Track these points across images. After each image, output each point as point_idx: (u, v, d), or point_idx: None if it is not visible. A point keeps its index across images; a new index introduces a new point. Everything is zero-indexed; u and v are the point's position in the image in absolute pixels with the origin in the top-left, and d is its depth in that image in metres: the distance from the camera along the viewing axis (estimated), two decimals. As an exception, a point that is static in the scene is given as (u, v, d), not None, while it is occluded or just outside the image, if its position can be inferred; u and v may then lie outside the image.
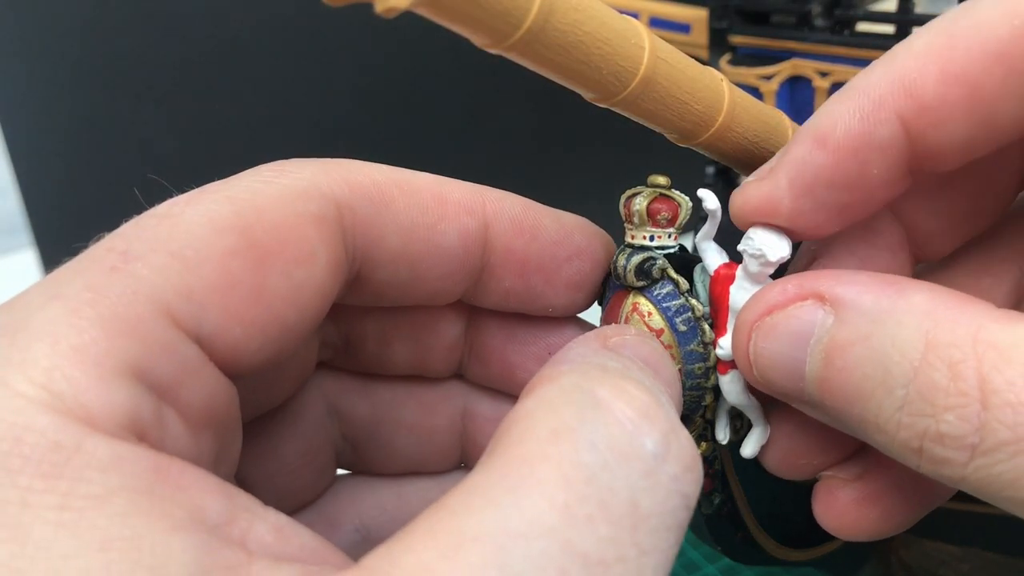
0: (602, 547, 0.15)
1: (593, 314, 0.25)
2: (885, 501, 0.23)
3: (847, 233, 0.23)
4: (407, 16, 0.16)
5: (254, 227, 0.18)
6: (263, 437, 0.24)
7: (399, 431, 0.25)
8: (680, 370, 0.22)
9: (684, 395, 0.22)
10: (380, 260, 0.21)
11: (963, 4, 0.19)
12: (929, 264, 0.25)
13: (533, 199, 0.23)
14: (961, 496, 0.21)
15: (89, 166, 0.55)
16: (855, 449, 0.23)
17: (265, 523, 0.16)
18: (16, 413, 0.14)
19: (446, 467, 0.26)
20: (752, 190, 0.21)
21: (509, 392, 0.26)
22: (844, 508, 0.23)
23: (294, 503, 0.25)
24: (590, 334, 0.21)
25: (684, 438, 0.17)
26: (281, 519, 0.16)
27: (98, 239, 0.18)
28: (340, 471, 0.26)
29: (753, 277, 0.22)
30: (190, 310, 0.17)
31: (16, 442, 0.14)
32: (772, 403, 0.23)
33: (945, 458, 0.18)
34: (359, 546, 0.25)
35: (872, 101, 0.20)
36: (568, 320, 0.25)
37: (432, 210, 0.21)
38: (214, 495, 0.15)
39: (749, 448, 0.24)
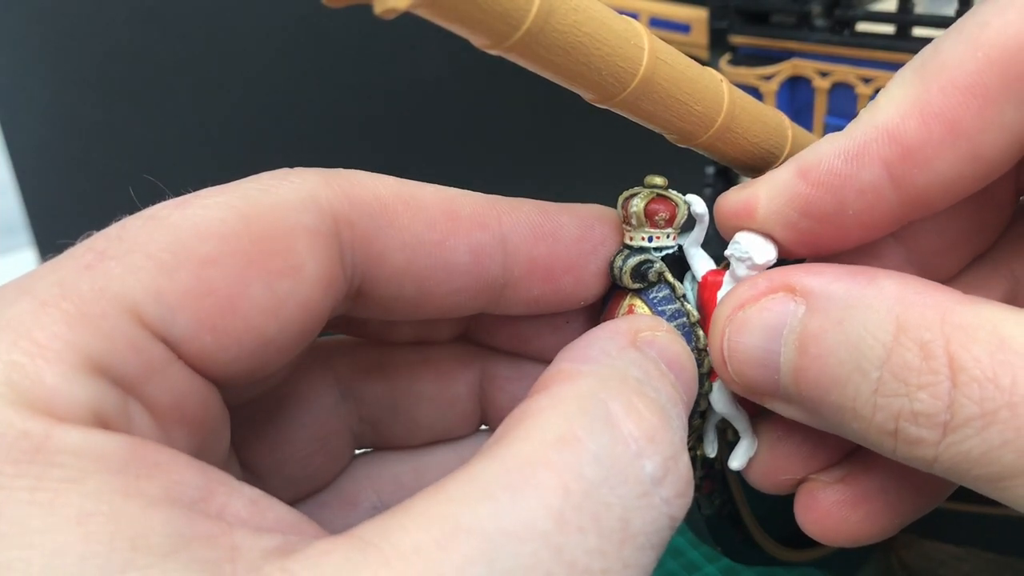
0: (590, 558, 0.15)
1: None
2: (866, 505, 0.23)
3: (846, 257, 0.23)
4: (406, 17, 0.16)
5: (240, 235, 0.18)
6: (273, 426, 0.24)
7: (419, 404, 0.25)
8: None
9: None
10: (382, 277, 0.21)
11: (928, 45, 0.20)
12: None
13: (532, 199, 0.23)
14: (961, 496, 0.21)
15: (89, 166, 0.55)
16: (836, 460, 0.23)
17: (241, 497, 0.16)
18: None
19: (467, 431, 0.26)
20: (732, 193, 0.22)
21: (519, 354, 0.25)
22: (825, 512, 0.23)
23: (308, 488, 0.25)
24: (621, 325, 0.21)
25: (683, 465, 0.18)
26: (255, 492, 0.17)
27: (86, 237, 0.18)
28: (358, 451, 0.26)
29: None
30: (158, 312, 0.17)
31: None
32: (755, 417, 0.23)
33: (919, 437, 0.18)
34: None
35: (856, 145, 0.20)
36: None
37: (440, 226, 0.21)
38: (189, 471, 0.16)
39: (737, 461, 0.24)
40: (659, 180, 0.23)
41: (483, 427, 0.27)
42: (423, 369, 0.25)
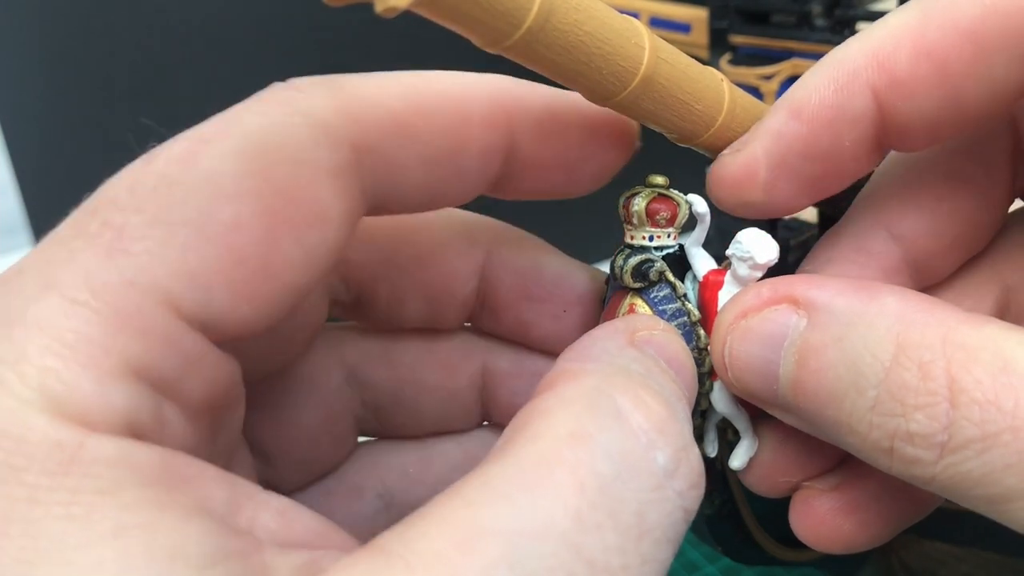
0: (609, 554, 0.15)
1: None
2: (861, 513, 0.23)
3: (842, 256, 0.23)
4: (407, 16, 0.16)
5: (262, 191, 0.17)
6: (281, 407, 0.24)
7: (422, 393, 0.25)
8: None
9: None
10: (399, 193, 0.20)
11: None
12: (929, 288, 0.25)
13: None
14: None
15: (89, 166, 0.55)
16: (834, 465, 0.23)
17: (268, 509, 0.16)
18: (13, 414, 0.14)
19: (468, 425, 0.26)
20: (728, 162, 0.22)
21: (521, 343, 0.25)
22: (820, 519, 0.23)
23: (313, 472, 0.25)
24: (619, 325, 0.21)
25: (694, 456, 0.18)
26: (283, 503, 0.16)
27: (86, 198, 0.17)
28: (362, 438, 0.26)
29: (741, 281, 0.22)
30: (194, 296, 0.16)
31: (19, 441, 0.14)
32: (756, 419, 0.24)
33: (915, 457, 0.18)
34: (381, 513, 0.25)
35: (847, 73, 0.20)
36: (583, 275, 0.25)
37: (454, 132, 0.20)
38: (218, 484, 0.15)
39: (738, 460, 0.24)
40: (661, 180, 0.23)
41: (485, 423, 0.27)
42: (427, 359, 0.25)
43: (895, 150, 0.21)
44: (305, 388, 0.24)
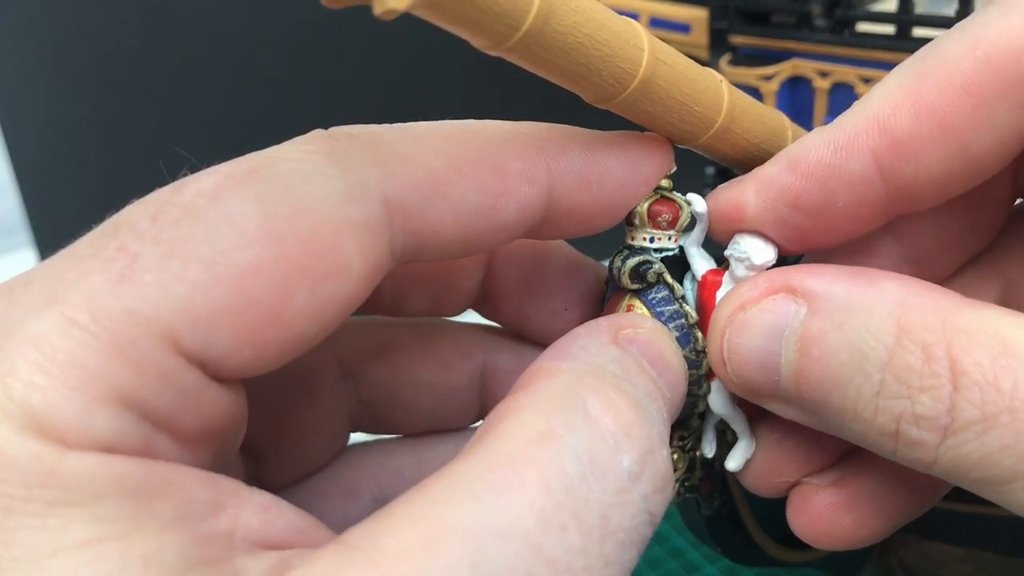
0: (571, 556, 0.15)
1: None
2: (858, 508, 0.23)
3: (842, 255, 0.23)
4: (406, 18, 0.16)
5: (284, 238, 0.16)
6: (274, 404, 0.23)
7: (419, 391, 0.25)
8: None
9: None
10: (430, 248, 0.19)
11: (930, 42, 0.20)
12: None
13: (580, 132, 0.22)
14: (961, 496, 0.21)
15: (89, 166, 0.55)
16: (832, 463, 0.23)
17: (251, 506, 0.16)
18: None
19: (465, 423, 0.26)
20: (720, 193, 0.22)
21: (521, 332, 0.26)
22: (817, 515, 0.23)
23: (305, 469, 0.25)
24: (603, 323, 0.20)
25: (661, 459, 0.18)
26: (265, 498, 0.17)
27: (111, 219, 0.17)
28: (358, 437, 0.26)
29: (739, 282, 0.22)
30: (195, 335, 0.16)
31: None
32: (753, 419, 0.24)
33: (919, 440, 0.18)
34: None
35: (846, 135, 0.20)
36: (587, 274, 0.25)
37: (491, 187, 0.19)
38: (200, 486, 0.16)
39: (734, 462, 0.24)
40: (664, 181, 0.23)
41: (481, 422, 0.27)
42: (424, 356, 0.25)
43: (903, 214, 0.21)
44: (298, 384, 0.24)
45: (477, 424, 0.26)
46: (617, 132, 0.21)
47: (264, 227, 0.16)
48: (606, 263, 0.24)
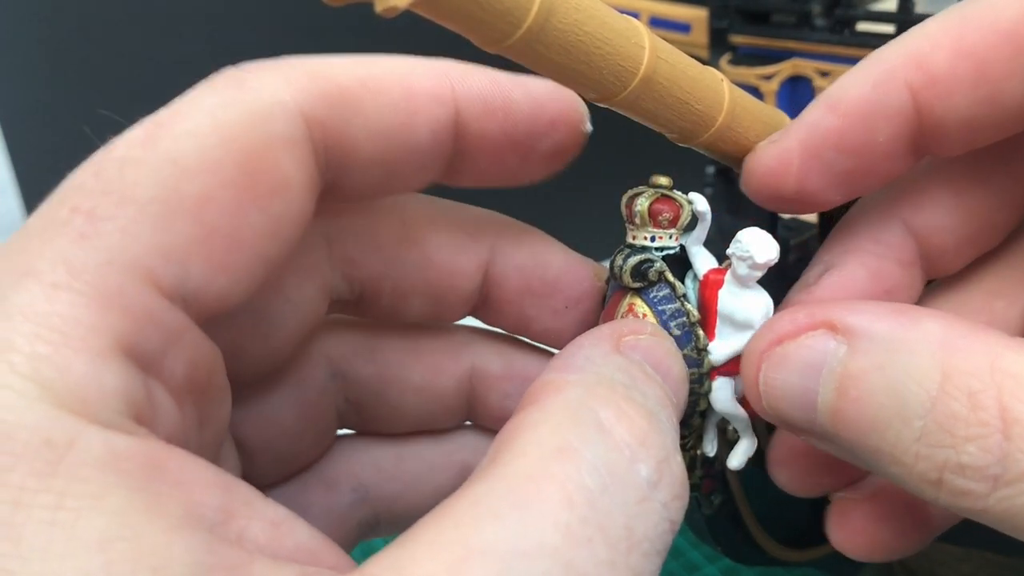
0: (600, 569, 0.15)
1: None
2: (898, 521, 0.23)
3: (859, 247, 0.23)
4: (407, 16, 0.16)
5: (224, 163, 0.17)
6: (264, 402, 0.23)
7: (405, 392, 0.25)
8: None
9: None
10: (352, 166, 0.20)
11: None
12: (940, 283, 0.25)
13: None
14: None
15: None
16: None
17: (263, 519, 0.16)
18: (3, 408, 0.14)
19: (450, 425, 0.26)
20: (763, 152, 0.22)
21: (520, 335, 0.25)
22: (857, 529, 0.23)
23: (293, 466, 0.25)
24: (604, 331, 0.20)
25: (676, 466, 0.18)
26: (279, 513, 0.16)
27: (54, 193, 0.17)
28: (341, 432, 0.26)
29: (741, 280, 0.22)
30: (171, 270, 0.16)
31: (6, 439, 0.13)
32: (756, 418, 0.23)
33: (966, 489, 0.17)
34: (357, 506, 0.25)
35: (884, 71, 0.20)
36: (587, 272, 0.25)
37: (401, 107, 0.20)
38: (212, 489, 0.15)
39: (736, 460, 0.24)
40: (664, 180, 0.23)
41: (468, 423, 0.27)
42: (414, 358, 0.25)
43: (932, 154, 0.21)
44: (289, 382, 0.24)
45: (463, 427, 0.27)
46: (520, 75, 0.21)
47: (203, 158, 0.17)
48: (606, 263, 0.24)
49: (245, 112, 0.17)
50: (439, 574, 0.14)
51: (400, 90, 0.20)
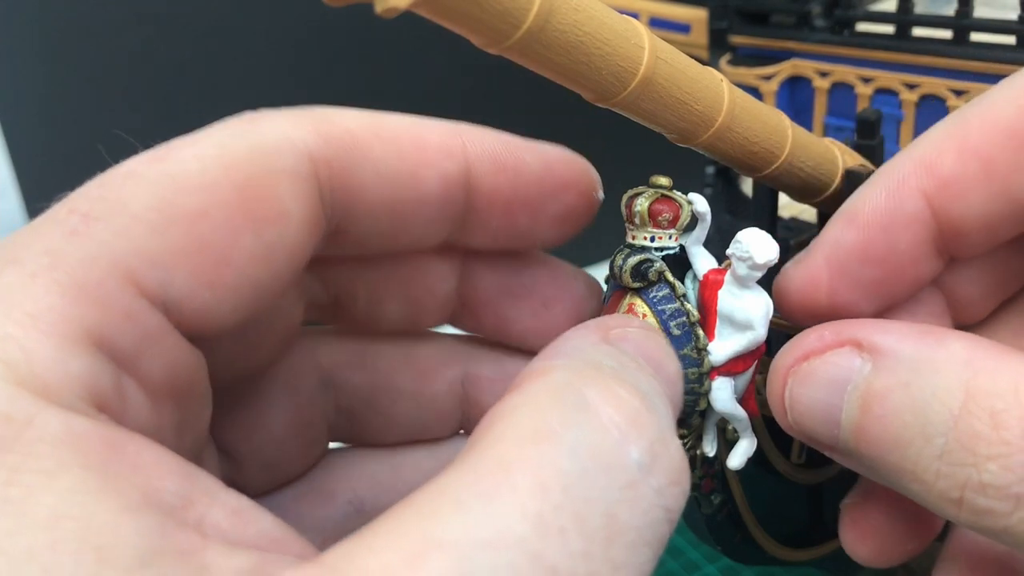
0: (573, 562, 0.14)
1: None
2: (907, 526, 0.23)
3: (897, 307, 0.23)
4: (407, 16, 0.16)
5: (223, 185, 0.17)
6: (252, 408, 0.23)
7: (398, 400, 0.25)
8: None
9: None
10: (360, 211, 0.20)
11: (978, 96, 0.21)
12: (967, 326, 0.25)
13: (497, 130, 0.23)
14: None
15: (89, 166, 0.55)
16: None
17: (224, 507, 0.16)
18: None
19: (445, 433, 0.26)
20: (792, 273, 0.23)
21: (502, 341, 0.25)
22: (868, 533, 0.23)
23: (283, 475, 0.25)
24: (591, 324, 0.20)
25: (674, 449, 0.17)
26: (242, 502, 0.16)
27: (59, 199, 0.17)
28: (334, 445, 0.26)
29: (741, 281, 0.22)
30: (155, 275, 0.16)
31: None
32: (755, 418, 0.24)
33: (988, 508, 0.18)
34: (352, 518, 0.25)
35: (896, 180, 0.21)
36: (563, 271, 0.25)
37: (411, 156, 0.20)
38: (172, 476, 0.15)
39: (736, 460, 0.24)
40: (664, 180, 0.23)
41: (462, 432, 0.26)
42: (404, 364, 0.25)
43: (957, 257, 0.22)
44: (278, 390, 0.24)
45: (459, 435, 0.26)
46: (534, 141, 0.22)
47: (203, 178, 0.17)
48: (599, 266, 0.24)
49: (251, 143, 0.18)
50: (395, 565, 0.14)
51: (410, 140, 0.20)
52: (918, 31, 0.36)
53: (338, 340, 0.25)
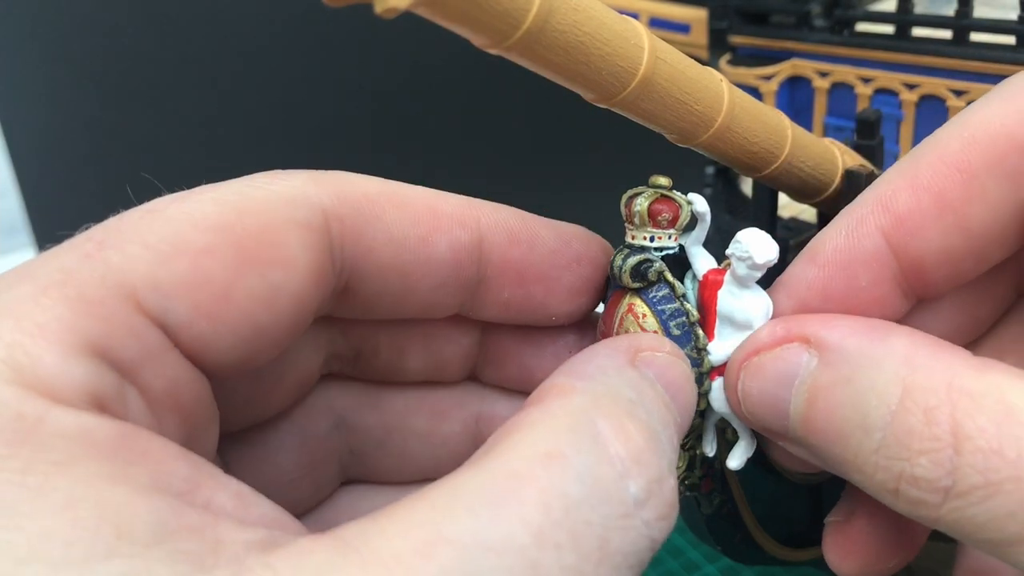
0: (565, 574, 0.16)
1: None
2: (890, 537, 0.23)
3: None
4: (406, 17, 0.16)
5: (234, 228, 0.18)
6: (264, 446, 0.24)
7: (410, 440, 0.25)
8: None
9: None
10: (369, 271, 0.21)
11: (927, 136, 0.22)
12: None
13: (532, 200, 0.23)
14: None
15: (89, 166, 0.55)
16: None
17: (227, 491, 0.16)
18: None
19: None
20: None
21: (525, 391, 0.25)
22: (851, 548, 0.23)
23: (292, 512, 0.25)
24: (622, 343, 0.21)
25: (668, 488, 0.18)
26: (242, 487, 0.17)
27: (84, 228, 0.18)
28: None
29: (741, 281, 0.22)
30: (156, 299, 0.17)
31: None
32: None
33: (920, 499, 0.18)
34: None
35: (855, 219, 0.22)
36: (585, 311, 0.25)
37: (424, 222, 0.21)
38: (179, 462, 0.16)
39: (735, 460, 0.24)
40: (664, 180, 0.23)
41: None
42: (417, 404, 0.25)
43: (923, 297, 0.22)
44: (291, 430, 0.24)
45: None
46: (547, 220, 0.23)
47: (217, 219, 0.18)
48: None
49: (268, 193, 0.19)
50: (405, 551, 0.15)
51: (424, 207, 0.21)
52: (918, 31, 0.36)
53: (351, 382, 0.25)
